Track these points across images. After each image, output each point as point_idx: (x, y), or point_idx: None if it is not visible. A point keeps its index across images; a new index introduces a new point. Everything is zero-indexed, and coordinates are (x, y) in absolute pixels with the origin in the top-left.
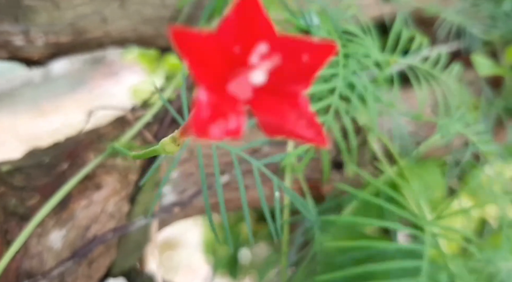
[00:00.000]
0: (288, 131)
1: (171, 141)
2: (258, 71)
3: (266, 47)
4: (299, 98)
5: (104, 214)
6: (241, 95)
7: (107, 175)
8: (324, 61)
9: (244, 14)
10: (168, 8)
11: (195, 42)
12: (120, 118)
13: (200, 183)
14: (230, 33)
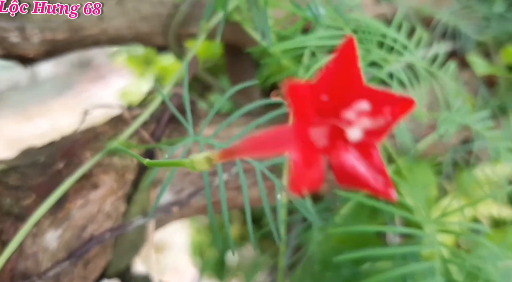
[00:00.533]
0: (361, 183)
1: (205, 160)
2: (355, 128)
3: (367, 106)
4: (373, 149)
5: (101, 214)
6: (319, 142)
7: (104, 174)
8: (403, 115)
9: (342, 66)
10: (166, 5)
11: (302, 92)
12: (116, 117)
13: (197, 183)
14: (327, 83)
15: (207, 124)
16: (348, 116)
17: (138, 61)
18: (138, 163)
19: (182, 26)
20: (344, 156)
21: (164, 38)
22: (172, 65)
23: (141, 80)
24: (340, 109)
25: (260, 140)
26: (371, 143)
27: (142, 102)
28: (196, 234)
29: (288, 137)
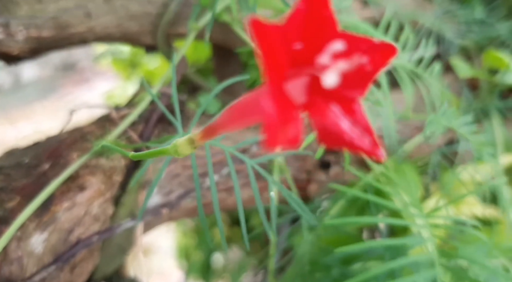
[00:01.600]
0: (346, 142)
1: (187, 142)
2: (331, 72)
3: (342, 45)
4: (355, 104)
5: (88, 216)
6: (297, 98)
7: (91, 176)
8: (384, 64)
9: (311, 7)
10: (155, 4)
11: (270, 34)
12: (104, 117)
13: (186, 185)
14: (296, 27)
15: (195, 123)
16: (322, 60)
17: (124, 65)
18: (126, 164)
19: (171, 26)
20: (325, 112)
21: (153, 37)
22: (158, 68)
23: (127, 84)
24: (314, 55)
25: (238, 108)
26: (353, 97)
27: (129, 103)
28: (182, 237)
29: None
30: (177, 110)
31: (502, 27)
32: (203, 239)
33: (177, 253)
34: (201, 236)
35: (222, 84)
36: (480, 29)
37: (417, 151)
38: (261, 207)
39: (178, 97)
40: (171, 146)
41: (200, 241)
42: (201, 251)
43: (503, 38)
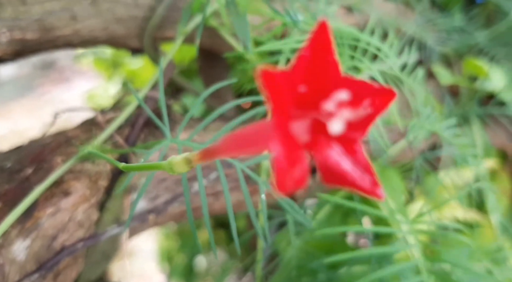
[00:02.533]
0: (349, 182)
1: (184, 162)
2: (336, 120)
3: (347, 95)
4: (357, 145)
5: (72, 222)
6: (300, 137)
7: (75, 181)
8: (384, 108)
9: (317, 53)
10: (141, 8)
11: (278, 81)
12: (89, 120)
13: (173, 189)
14: (301, 72)
15: (183, 128)
16: (327, 107)
17: (106, 64)
18: (111, 169)
19: (158, 29)
20: (327, 153)
21: (139, 41)
22: (141, 68)
23: (108, 84)
24: (319, 101)
25: (240, 137)
26: (354, 138)
27: (115, 106)
28: (165, 240)
29: (269, 133)
30: (164, 115)
31: (481, 35)
32: (186, 242)
33: (159, 256)
34: (184, 238)
35: (209, 89)
36: (460, 37)
37: (401, 156)
38: (252, 211)
39: (165, 101)
40: (167, 163)
41: (183, 243)
42: (183, 254)
43: (481, 46)
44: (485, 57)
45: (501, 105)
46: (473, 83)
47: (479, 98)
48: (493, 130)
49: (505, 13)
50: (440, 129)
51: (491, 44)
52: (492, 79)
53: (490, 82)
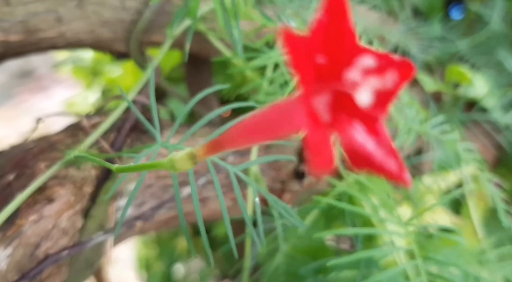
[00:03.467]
0: (376, 165)
1: (187, 157)
2: (364, 90)
3: (372, 61)
4: (378, 124)
5: (56, 230)
6: (323, 115)
7: (59, 187)
8: (404, 82)
9: (333, 19)
10: (128, 11)
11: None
12: (73, 125)
13: (159, 195)
14: (319, 39)
15: (174, 132)
16: (352, 76)
17: (85, 72)
18: (96, 175)
19: (144, 34)
20: (352, 133)
21: (126, 45)
22: (120, 77)
23: (88, 92)
24: (341, 70)
25: (257, 122)
26: (375, 117)
27: (99, 111)
28: (143, 248)
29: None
30: (155, 119)
31: (462, 43)
32: (164, 249)
33: (137, 264)
34: (162, 246)
35: (198, 96)
36: (441, 45)
37: None
38: (247, 216)
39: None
40: (167, 160)
41: (161, 251)
42: (161, 261)
43: (462, 53)
44: (466, 65)
45: (483, 111)
46: (456, 90)
47: (462, 105)
48: (475, 135)
49: (485, 23)
50: (427, 129)
51: (472, 52)
52: (475, 86)
53: (473, 89)
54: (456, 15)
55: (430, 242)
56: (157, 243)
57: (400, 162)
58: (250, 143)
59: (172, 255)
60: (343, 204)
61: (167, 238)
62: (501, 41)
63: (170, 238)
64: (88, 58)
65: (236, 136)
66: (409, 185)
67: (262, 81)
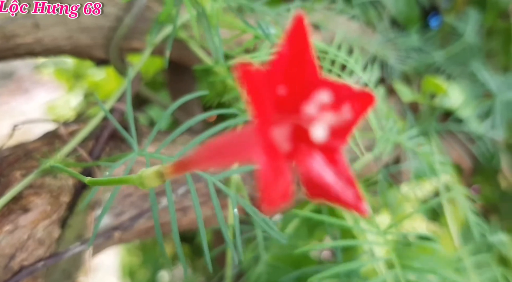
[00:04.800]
0: (332, 196)
1: (155, 175)
2: (319, 125)
3: (328, 96)
4: (338, 154)
5: (32, 240)
6: (281, 146)
7: (36, 196)
8: (364, 112)
9: (294, 51)
10: (108, 17)
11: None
12: (51, 132)
13: (138, 205)
14: (279, 72)
15: (151, 140)
16: (309, 110)
17: (67, 75)
18: (74, 184)
19: (124, 40)
20: (310, 163)
21: (105, 51)
22: (103, 80)
23: (70, 95)
24: (299, 103)
25: (217, 147)
26: (335, 147)
27: (78, 118)
28: (127, 255)
29: (251, 141)
30: (132, 127)
31: (438, 54)
32: (148, 257)
33: (121, 271)
34: (146, 253)
35: (177, 102)
36: (418, 56)
37: (366, 170)
38: (224, 225)
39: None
40: (137, 177)
41: (145, 259)
42: (146, 269)
43: (438, 64)
44: (442, 76)
45: (458, 121)
46: (432, 101)
47: (438, 115)
48: (451, 145)
49: (460, 35)
50: (404, 140)
51: (447, 63)
52: (451, 97)
53: (449, 100)
54: (434, 24)
55: (409, 250)
56: (141, 250)
57: (358, 192)
58: (211, 166)
59: (157, 262)
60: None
61: (152, 245)
62: (475, 53)
63: (154, 245)
64: (71, 61)
65: (199, 159)
66: (365, 214)
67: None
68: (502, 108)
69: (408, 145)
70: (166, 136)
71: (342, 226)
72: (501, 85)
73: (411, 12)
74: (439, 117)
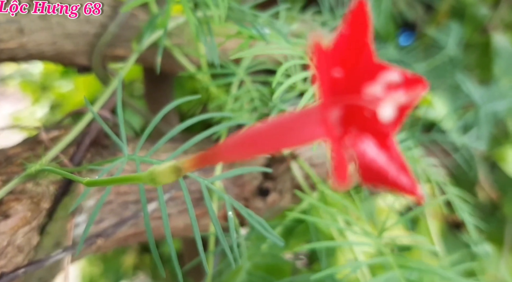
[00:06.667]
0: (389, 181)
1: (171, 170)
2: (388, 104)
3: (397, 77)
4: (389, 139)
5: (11, 247)
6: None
7: (16, 202)
8: (418, 97)
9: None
10: (93, 24)
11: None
12: (31, 138)
13: (118, 212)
14: (340, 54)
15: (141, 145)
16: (374, 91)
17: (33, 87)
18: (54, 190)
19: (108, 47)
20: (364, 148)
21: (88, 58)
22: (70, 92)
23: (35, 107)
24: (360, 85)
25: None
26: (387, 132)
27: (59, 123)
28: (87, 265)
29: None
30: (122, 132)
31: (419, 66)
32: (109, 266)
33: (81, 281)
34: (107, 263)
35: (162, 111)
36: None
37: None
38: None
39: (113, 120)
40: (147, 173)
41: (105, 268)
42: (107, 279)
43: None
44: None
45: (441, 132)
46: (416, 111)
47: (422, 126)
48: (434, 155)
49: (441, 47)
50: None
51: (429, 75)
52: (435, 108)
53: (433, 111)
54: (404, 41)
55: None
56: (102, 260)
57: (412, 177)
58: (256, 153)
59: (118, 272)
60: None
61: (113, 255)
62: (456, 66)
63: (115, 255)
64: (37, 73)
65: (239, 146)
66: (422, 199)
67: (227, 98)
68: (485, 120)
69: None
70: (145, 143)
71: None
72: (483, 97)
73: (389, 26)
74: (422, 128)
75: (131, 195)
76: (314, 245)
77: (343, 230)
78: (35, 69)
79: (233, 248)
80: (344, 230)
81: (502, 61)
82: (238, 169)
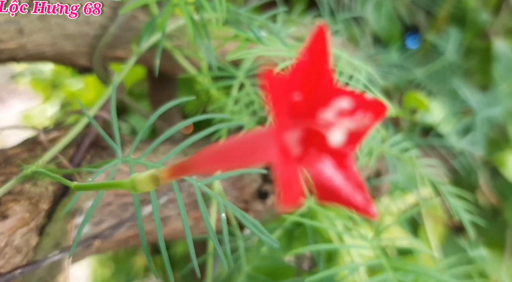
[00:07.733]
0: (343, 199)
1: (149, 179)
2: (337, 130)
3: (348, 103)
4: (347, 159)
5: (9, 248)
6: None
7: (14, 203)
8: (376, 121)
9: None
10: (93, 25)
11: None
12: (31, 139)
13: (118, 214)
14: (298, 79)
15: (134, 148)
16: (327, 116)
17: (44, 84)
18: (53, 191)
19: (108, 49)
20: (320, 167)
21: (89, 59)
22: (81, 90)
23: (46, 105)
24: (316, 109)
25: (227, 150)
26: (345, 153)
27: (59, 125)
28: (99, 266)
29: (267, 143)
30: (116, 134)
31: (418, 71)
32: (120, 268)
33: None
34: (118, 265)
35: (159, 110)
36: (399, 72)
37: None
38: (212, 232)
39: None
40: (129, 181)
41: (117, 270)
42: (117, 280)
43: (419, 81)
44: (422, 92)
45: (439, 137)
46: (414, 116)
47: (420, 130)
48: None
49: (440, 53)
50: (388, 147)
51: (428, 80)
52: (433, 112)
53: (430, 115)
54: (412, 44)
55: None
56: (113, 262)
57: (367, 196)
58: (217, 169)
59: (129, 274)
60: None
61: (124, 257)
62: (455, 71)
63: (126, 256)
64: (48, 70)
65: (204, 161)
66: (375, 218)
67: (227, 101)
68: (482, 125)
69: (392, 151)
70: (146, 145)
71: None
72: (480, 102)
73: (392, 29)
74: (420, 132)
75: (131, 196)
76: (311, 248)
77: (341, 233)
78: (46, 67)
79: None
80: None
81: (501, 67)
82: (234, 171)
